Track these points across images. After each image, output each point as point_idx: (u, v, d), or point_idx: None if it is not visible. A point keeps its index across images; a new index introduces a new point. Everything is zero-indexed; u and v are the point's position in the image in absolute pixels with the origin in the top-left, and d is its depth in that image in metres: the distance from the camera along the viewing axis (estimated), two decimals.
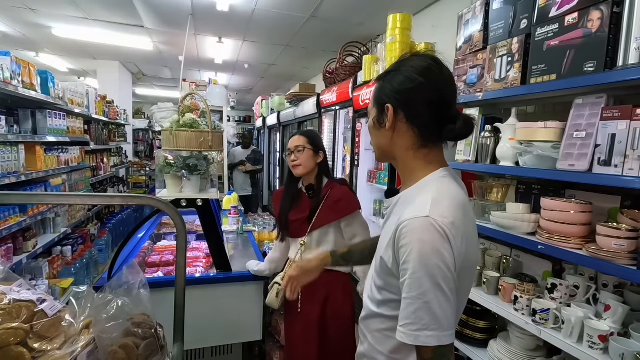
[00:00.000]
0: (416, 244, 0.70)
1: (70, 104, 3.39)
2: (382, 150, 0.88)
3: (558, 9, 1.44)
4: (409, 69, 0.80)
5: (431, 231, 0.70)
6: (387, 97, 0.81)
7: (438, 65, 0.81)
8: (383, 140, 0.85)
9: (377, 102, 0.85)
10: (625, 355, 1.17)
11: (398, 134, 0.82)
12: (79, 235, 3.61)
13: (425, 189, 0.79)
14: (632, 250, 1.19)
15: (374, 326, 0.86)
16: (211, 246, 1.94)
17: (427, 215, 0.71)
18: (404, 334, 0.71)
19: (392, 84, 0.81)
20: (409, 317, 0.70)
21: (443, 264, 0.69)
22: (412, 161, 0.83)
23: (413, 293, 0.70)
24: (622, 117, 1.22)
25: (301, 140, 1.64)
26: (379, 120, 0.84)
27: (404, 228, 0.72)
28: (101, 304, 0.85)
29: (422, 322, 0.69)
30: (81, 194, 3.12)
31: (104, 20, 4.06)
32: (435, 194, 0.76)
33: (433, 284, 0.68)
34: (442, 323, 0.69)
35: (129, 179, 6.23)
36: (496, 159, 1.75)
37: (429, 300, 0.68)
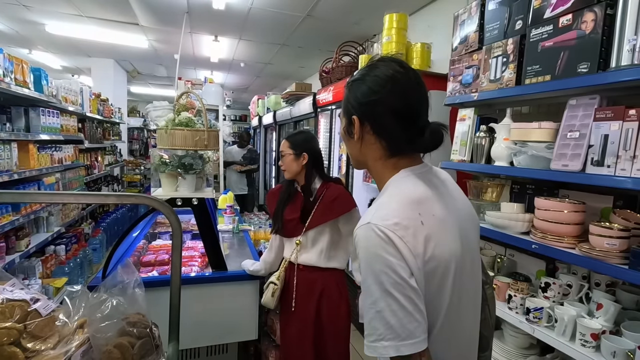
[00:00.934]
0: (362, 252, 0.68)
1: (64, 102, 3.36)
2: (355, 159, 0.86)
3: (552, 10, 1.45)
4: (373, 78, 0.76)
5: (371, 237, 0.67)
6: (353, 108, 0.79)
7: (404, 71, 0.76)
8: (353, 150, 0.83)
9: (345, 112, 0.82)
10: (616, 353, 1.19)
11: (366, 145, 0.80)
12: (72, 234, 3.58)
13: (382, 194, 0.77)
14: (624, 249, 1.21)
15: None
16: (206, 245, 1.93)
17: (368, 222, 0.68)
18: (365, 346, 0.68)
19: (357, 95, 0.78)
20: (367, 327, 0.67)
21: (389, 269, 0.65)
22: (382, 170, 0.80)
23: (367, 302, 0.67)
24: (614, 117, 1.23)
25: (284, 145, 1.69)
26: (347, 131, 0.82)
27: (355, 238, 0.71)
28: (95, 303, 0.85)
29: (377, 332, 0.65)
30: (75, 192, 3.09)
31: (99, 17, 4.02)
32: (384, 198, 0.74)
33: (382, 291, 0.65)
34: (398, 332, 0.63)
35: (123, 178, 6.19)
36: (491, 158, 1.76)
37: (380, 309, 0.65)
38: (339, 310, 1.65)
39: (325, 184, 1.65)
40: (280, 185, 1.79)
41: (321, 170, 1.69)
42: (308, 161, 1.65)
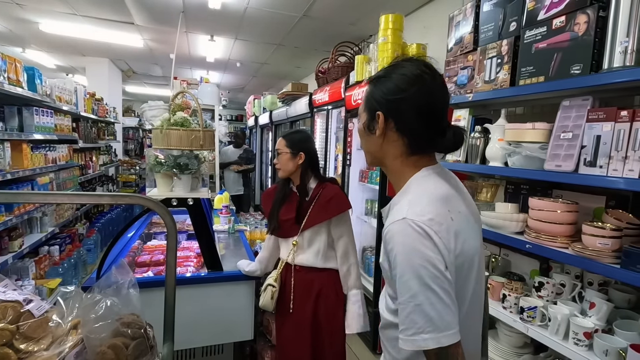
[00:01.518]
0: (398, 247, 0.69)
1: (58, 101, 3.33)
2: (372, 155, 0.87)
3: (546, 12, 1.47)
4: (401, 76, 0.78)
5: (409, 232, 0.69)
6: (378, 103, 0.80)
7: (430, 72, 0.78)
8: (373, 146, 0.84)
9: (368, 108, 0.83)
10: (609, 352, 1.20)
11: (387, 142, 0.81)
12: (66, 235, 3.55)
13: (407, 192, 0.79)
14: (616, 249, 1.22)
15: (391, 334, 0.82)
16: (202, 246, 1.93)
17: (403, 217, 0.70)
18: (402, 340, 0.69)
19: (383, 91, 0.79)
20: (404, 322, 0.69)
21: (428, 262, 0.67)
22: (401, 167, 0.82)
23: (404, 297, 0.68)
24: (607, 118, 1.25)
25: (280, 144, 1.67)
26: (369, 126, 0.82)
27: (387, 234, 0.72)
28: (89, 304, 0.84)
29: (416, 326, 0.67)
30: (69, 192, 3.07)
31: (93, 16, 3.99)
32: (412, 195, 0.76)
33: (421, 284, 0.66)
34: (438, 324, 0.66)
35: (118, 178, 6.15)
36: (485, 159, 1.78)
37: (419, 302, 0.66)
38: (336, 310, 1.65)
39: (321, 184, 1.65)
40: (276, 185, 1.78)
41: (317, 171, 1.69)
42: (304, 161, 1.64)
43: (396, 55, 2.51)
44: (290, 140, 1.67)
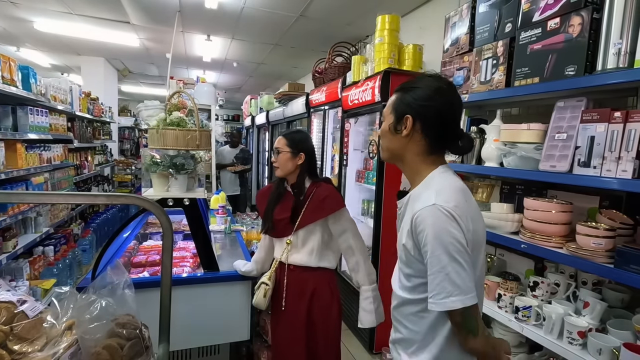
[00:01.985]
0: (429, 228, 0.84)
1: (53, 101, 3.31)
2: (392, 153, 1.00)
3: (541, 13, 1.48)
4: (429, 86, 0.94)
5: (439, 215, 0.84)
6: (408, 107, 0.94)
7: (451, 87, 0.96)
8: (396, 145, 0.98)
9: (396, 111, 0.96)
10: (602, 351, 1.21)
11: (412, 142, 0.96)
12: (61, 235, 3.52)
13: (430, 184, 0.93)
14: (610, 248, 1.23)
15: (407, 311, 0.98)
16: (198, 246, 1.92)
17: (433, 204, 0.86)
18: (433, 303, 0.85)
19: (413, 97, 0.93)
20: (435, 288, 0.85)
21: (454, 239, 0.83)
22: (420, 164, 0.97)
23: (435, 268, 0.84)
24: (600, 119, 1.26)
25: (280, 142, 1.65)
26: (395, 127, 0.96)
27: (418, 218, 0.87)
28: (84, 304, 0.84)
29: (446, 291, 0.83)
30: (64, 192, 3.05)
31: (89, 15, 3.97)
32: (438, 186, 0.91)
33: (449, 257, 0.83)
34: (462, 288, 0.83)
35: (114, 178, 6.11)
36: (481, 159, 1.79)
37: (448, 272, 0.83)
38: (331, 309, 1.65)
39: (315, 183, 1.65)
40: (270, 184, 1.77)
41: (313, 172, 1.69)
42: (304, 161, 1.64)
43: (392, 56, 2.51)
44: (291, 139, 1.65)
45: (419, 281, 0.92)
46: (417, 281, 0.93)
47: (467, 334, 0.87)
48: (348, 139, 3.01)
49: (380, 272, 2.53)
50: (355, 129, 3.06)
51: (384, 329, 2.51)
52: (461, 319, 0.85)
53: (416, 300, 0.95)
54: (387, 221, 2.48)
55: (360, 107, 2.72)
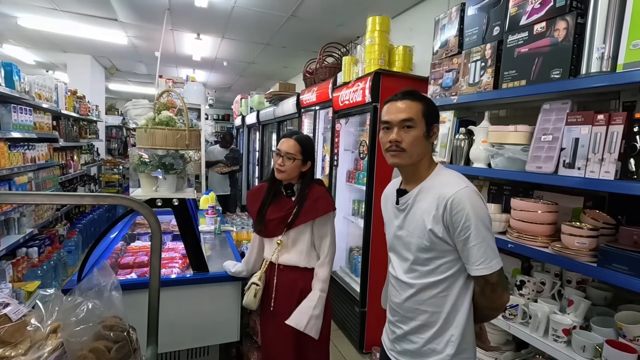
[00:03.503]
0: (469, 207, 0.97)
1: (38, 99, 3.23)
2: (420, 156, 1.09)
3: (528, 17, 1.51)
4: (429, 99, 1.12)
5: (474, 195, 0.99)
6: (433, 116, 1.09)
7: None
8: (426, 150, 1.09)
9: (425, 119, 1.06)
10: (586, 347, 1.24)
11: (431, 145, 1.11)
12: (46, 236, 3.45)
13: (444, 176, 1.07)
14: (593, 248, 1.26)
15: (428, 295, 1.07)
16: (187, 246, 1.90)
17: (466, 186, 1.00)
18: (482, 268, 0.99)
19: (431, 106, 1.09)
20: (481, 257, 0.98)
21: (487, 214, 1.00)
22: (431, 162, 1.11)
23: (479, 239, 0.98)
24: (584, 122, 1.29)
25: (294, 148, 1.57)
26: (428, 134, 1.07)
27: (454, 199, 0.98)
28: (70, 307, 0.82)
29: (490, 256, 0.99)
30: (48, 192, 2.97)
31: (75, 12, 3.89)
32: (457, 175, 1.06)
33: (487, 229, 0.99)
34: (497, 252, 1.01)
35: (101, 178, 6.00)
36: (470, 160, 1.81)
37: (488, 240, 0.99)
38: None
39: (308, 184, 1.65)
40: (262, 184, 1.76)
41: (311, 177, 1.69)
42: (309, 169, 1.63)
43: (382, 57, 2.53)
44: (305, 146, 1.59)
45: (441, 262, 1.04)
46: (438, 262, 1.04)
47: (503, 290, 1.04)
48: (339, 139, 3.02)
49: (371, 272, 2.55)
50: (346, 129, 3.07)
51: (375, 328, 2.53)
52: (498, 278, 1.01)
53: (437, 282, 1.05)
54: (377, 221, 2.49)
55: (351, 107, 2.73)
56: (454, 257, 1.03)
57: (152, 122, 1.76)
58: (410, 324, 1.10)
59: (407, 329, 1.11)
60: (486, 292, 1.03)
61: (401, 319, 1.13)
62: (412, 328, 1.10)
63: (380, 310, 2.66)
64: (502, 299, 1.05)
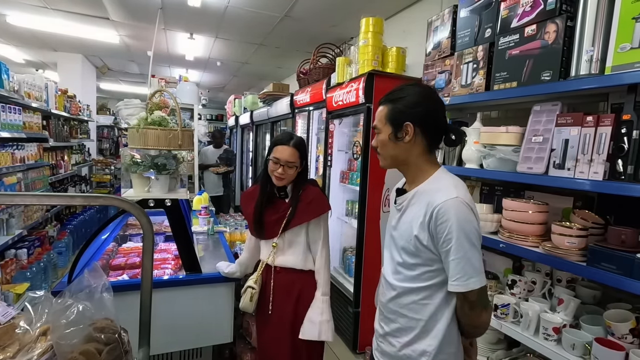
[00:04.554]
0: (454, 218, 0.92)
1: (27, 98, 3.19)
2: (396, 159, 1.06)
3: (519, 20, 1.53)
4: (415, 92, 1.03)
5: (462, 207, 0.94)
6: (405, 115, 1.01)
7: (431, 88, 1.06)
8: (399, 151, 1.04)
9: (392, 121, 1.03)
10: (576, 345, 1.26)
11: (414, 145, 1.03)
12: (35, 237, 3.39)
13: (441, 181, 1.02)
14: (582, 247, 1.28)
15: (408, 300, 1.04)
16: (180, 247, 1.89)
17: (456, 196, 0.94)
18: (457, 285, 0.94)
19: (406, 106, 1.01)
20: (459, 272, 0.93)
21: (474, 229, 0.94)
22: (423, 164, 1.05)
23: (459, 254, 0.92)
24: (574, 123, 1.31)
25: (294, 156, 1.54)
26: (396, 136, 1.02)
27: (441, 209, 0.94)
28: (60, 309, 0.81)
29: (468, 274, 0.93)
30: (38, 193, 2.93)
31: (65, 10, 3.84)
32: (452, 182, 1.01)
33: (470, 244, 0.93)
34: (479, 270, 0.94)
35: (92, 178, 5.93)
36: (462, 161, 1.83)
37: (470, 257, 0.93)
38: None
39: (302, 185, 1.65)
40: (255, 187, 1.74)
41: (306, 176, 1.69)
42: (303, 169, 1.62)
43: (376, 58, 2.54)
44: (303, 151, 1.58)
45: (425, 269, 1.00)
46: (423, 269, 1.01)
47: (482, 309, 0.98)
48: (332, 139, 3.02)
49: (364, 272, 2.56)
50: (340, 130, 3.07)
51: (369, 328, 2.54)
52: (477, 297, 0.95)
53: (419, 289, 1.02)
54: (370, 221, 2.50)
55: (345, 108, 2.73)
56: (438, 267, 0.99)
57: (144, 122, 1.75)
58: (390, 325, 1.10)
59: (388, 329, 1.10)
60: (465, 309, 0.98)
61: (384, 318, 1.13)
62: (391, 330, 1.09)
63: (374, 311, 2.67)
64: (480, 318, 0.99)
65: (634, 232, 1.20)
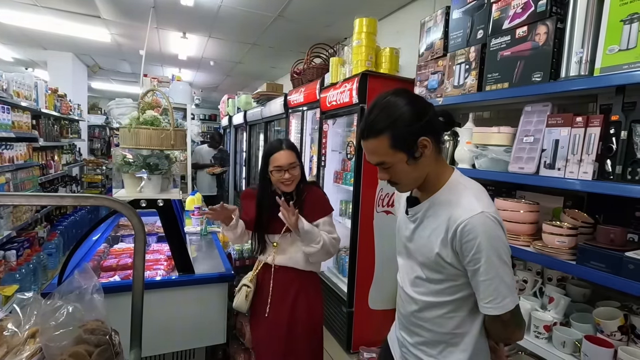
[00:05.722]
0: (482, 236, 0.84)
1: (16, 97, 3.14)
2: (419, 178, 0.95)
3: (510, 22, 1.54)
4: (409, 105, 0.90)
5: (489, 223, 0.85)
6: (416, 132, 0.89)
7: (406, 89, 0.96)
8: (423, 168, 0.93)
9: (403, 147, 0.89)
10: (566, 343, 1.28)
11: (431, 155, 0.92)
12: (25, 239, 3.34)
13: (459, 189, 0.93)
14: (572, 246, 1.30)
15: (433, 314, 0.97)
16: (173, 248, 1.87)
17: (481, 211, 0.85)
18: (492, 308, 0.87)
19: (409, 122, 0.88)
20: (492, 294, 0.86)
21: (503, 244, 0.87)
22: (440, 167, 0.96)
23: (490, 275, 0.85)
24: (564, 124, 1.33)
25: (293, 157, 1.55)
26: (414, 158, 0.90)
27: (466, 226, 0.85)
28: (49, 310, 0.80)
29: (502, 295, 0.86)
30: (27, 193, 2.89)
31: (56, 8, 3.79)
32: (473, 192, 0.92)
33: (501, 262, 0.85)
34: (512, 289, 0.87)
35: (83, 178, 5.86)
36: (455, 161, 1.84)
37: (502, 276, 0.85)
38: (315, 311, 1.65)
39: (306, 186, 1.66)
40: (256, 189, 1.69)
41: (304, 175, 1.69)
42: (301, 168, 1.63)
43: (369, 59, 2.55)
44: (297, 151, 1.60)
45: (450, 284, 0.93)
46: (448, 284, 0.94)
47: (516, 327, 0.92)
48: (326, 140, 3.02)
49: (358, 272, 2.56)
50: (334, 130, 3.07)
51: (362, 328, 2.54)
52: (511, 316, 0.88)
53: (444, 303, 0.95)
54: (364, 221, 2.50)
55: (339, 108, 2.74)
56: (464, 282, 0.92)
57: (136, 121, 1.73)
58: (414, 338, 1.04)
59: (412, 341, 1.05)
60: (497, 327, 0.92)
61: (406, 329, 1.07)
62: (416, 342, 1.04)
63: (368, 311, 2.67)
64: (514, 335, 0.94)
65: (622, 231, 1.22)
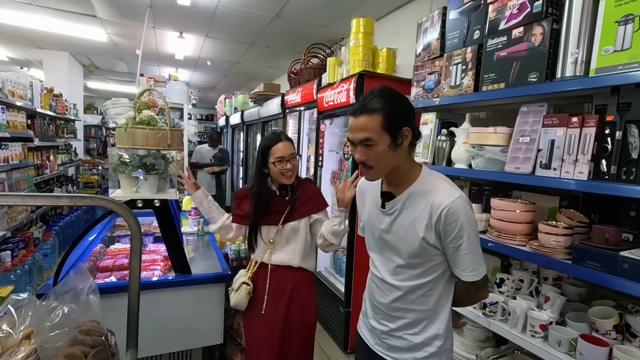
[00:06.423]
0: (463, 216, 0.98)
1: (11, 96, 3.11)
2: (392, 167, 1.04)
3: (506, 22, 1.55)
4: (395, 98, 1.01)
5: (467, 205, 1.00)
6: (402, 121, 0.99)
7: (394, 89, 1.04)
8: (396, 159, 1.02)
9: (390, 130, 0.98)
10: (562, 342, 1.29)
11: (407, 148, 1.03)
12: (20, 239, 3.31)
13: (432, 179, 1.06)
14: (568, 245, 1.31)
15: (415, 295, 1.09)
16: (169, 248, 1.87)
17: (459, 196, 1.00)
18: (473, 275, 1.03)
19: (399, 110, 0.99)
20: (473, 264, 1.02)
21: (475, 222, 1.03)
22: (409, 163, 1.06)
23: (471, 248, 1.01)
24: (560, 124, 1.33)
25: (292, 147, 1.60)
26: (395, 144, 0.99)
27: (450, 209, 0.98)
28: (44, 311, 0.79)
29: (479, 263, 1.03)
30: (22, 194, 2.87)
31: (51, 7, 3.77)
32: (447, 181, 1.05)
33: (476, 237, 1.02)
34: (483, 258, 1.05)
35: (79, 179, 5.82)
36: (451, 161, 1.84)
37: (478, 248, 1.03)
38: (309, 310, 1.66)
39: (301, 183, 1.68)
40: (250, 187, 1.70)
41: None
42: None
43: (366, 59, 2.55)
44: (293, 142, 1.63)
45: (430, 264, 1.06)
46: (427, 266, 1.06)
47: (484, 288, 1.11)
48: (323, 140, 3.02)
49: (355, 272, 2.56)
50: (331, 130, 3.08)
51: None
52: (483, 280, 1.06)
53: (424, 283, 1.08)
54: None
55: (336, 108, 2.74)
56: (441, 260, 1.06)
57: (132, 121, 1.72)
58: (397, 322, 1.12)
59: (394, 326, 1.12)
60: (470, 291, 1.09)
61: (385, 317, 1.15)
62: (399, 326, 1.12)
63: None
64: (483, 295, 1.15)
65: (617, 231, 1.23)
